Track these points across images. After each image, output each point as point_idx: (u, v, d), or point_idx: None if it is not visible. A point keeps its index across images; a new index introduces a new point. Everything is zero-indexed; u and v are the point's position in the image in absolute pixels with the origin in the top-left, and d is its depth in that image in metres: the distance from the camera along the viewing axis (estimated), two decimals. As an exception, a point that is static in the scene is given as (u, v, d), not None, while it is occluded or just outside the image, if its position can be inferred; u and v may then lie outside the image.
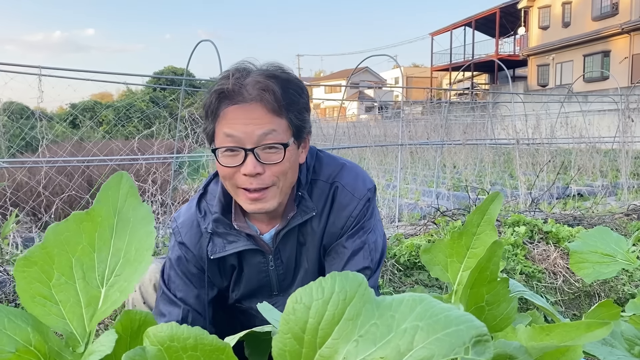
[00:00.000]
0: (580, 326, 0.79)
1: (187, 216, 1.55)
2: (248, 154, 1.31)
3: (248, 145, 1.31)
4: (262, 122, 1.30)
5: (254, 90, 1.30)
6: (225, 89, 1.31)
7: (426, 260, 0.96)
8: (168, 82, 18.18)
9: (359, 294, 0.54)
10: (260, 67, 1.37)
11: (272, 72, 1.35)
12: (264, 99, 1.30)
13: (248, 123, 1.30)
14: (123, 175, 0.73)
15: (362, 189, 1.52)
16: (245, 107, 1.30)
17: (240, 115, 1.30)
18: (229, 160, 1.34)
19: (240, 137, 1.30)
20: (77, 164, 5.49)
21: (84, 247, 0.68)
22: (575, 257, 1.48)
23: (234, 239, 1.49)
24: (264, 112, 1.30)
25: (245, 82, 1.31)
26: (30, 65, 4.30)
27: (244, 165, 1.32)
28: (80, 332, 0.66)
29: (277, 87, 1.31)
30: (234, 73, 1.34)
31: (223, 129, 1.32)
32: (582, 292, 3.31)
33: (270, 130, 1.31)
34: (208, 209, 1.52)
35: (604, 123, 11.56)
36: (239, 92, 1.30)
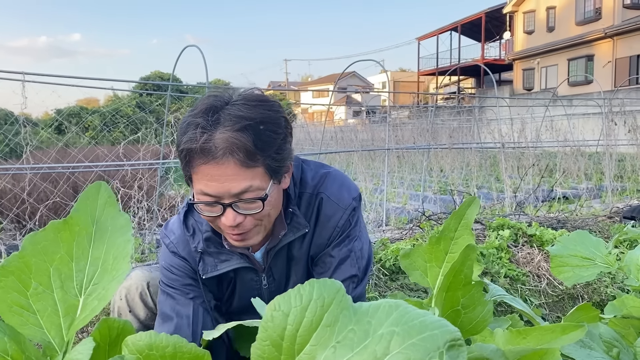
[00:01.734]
0: (556, 329, 0.80)
1: (180, 233, 1.53)
2: (227, 208, 1.29)
3: (226, 200, 1.28)
4: (236, 179, 1.26)
5: (224, 147, 1.23)
6: (194, 148, 1.25)
7: (406, 265, 0.97)
8: (154, 87, 18.10)
9: (336, 300, 0.55)
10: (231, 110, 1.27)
11: (243, 116, 1.25)
12: (235, 154, 1.24)
13: (223, 182, 1.26)
14: (101, 185, 0.73)
15: (347, 199, 1.52)
16: (217, 165, 1.24)
17: (214, 173, 1.25)
18: (207, 211, 1.32)
19: (216, 195, 1.27)
20: (62, 170, 5.44)
21: (62, 257, 0.68)
22: (556, 260, 1.50)
23: (227, 257, 1.48)
24: (237, 168, 1.25)
25: (215, 139, 1.23)
26: (14, 72, 4.26)
27: (224, 217, 1.31)
28: (58, 342, 0.65)
29: (249, 138, 1.25)
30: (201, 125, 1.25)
31: (198, 185, 1.29)
32: (565, 294, 3.35)
33: (247, 187, 1.27)
34: (197, 227, 1.49)
35: (588, 126, 11.69)
36: (208, 150, 1.23)
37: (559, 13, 28.39)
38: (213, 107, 1.28)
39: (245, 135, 1.24)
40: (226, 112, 1.26)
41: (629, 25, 23.45)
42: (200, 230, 1.48)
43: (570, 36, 26.83)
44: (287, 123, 1.36)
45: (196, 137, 1.24)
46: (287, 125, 1.36)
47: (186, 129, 1.27)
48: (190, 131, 1.25)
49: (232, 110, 1.26)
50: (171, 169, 6.00)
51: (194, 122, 1.26)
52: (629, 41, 23.90)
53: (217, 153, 1.23)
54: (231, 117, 1.25)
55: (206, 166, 1.24)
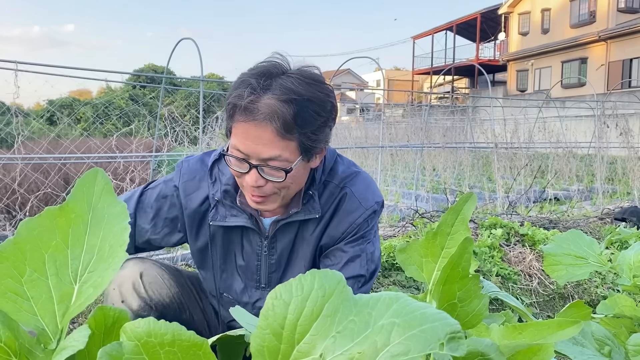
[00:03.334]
0: (551, 325, 0.80)
1: (194, 168, 1.59)
2: (252, 168, 1.34)
3: (253, 161, 1.33)
4: (268, 145, 1.31)
5: (265, 112, 1.28)
6: (239, 105, 1.30)
7: (402, 260, 0.97)
8: (148, 80, 18.01)
9: (337, 291, 0.55)
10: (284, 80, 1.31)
11: (293, 90, 1.30)
12: (274, 122, 1.28)
13: (256, 143, 1.31)
14: (98, 172, 0.73)
15: (370, 200, 1.54)
16: (255, 126, 1.29)
17: (250, 133, 1.30)
18: (235, 165, 1.38)
19: (247, 153, 1.33)
20: (53, 161, 5.40)
21: (58, 243, 0.68)
22: (549, 259, 1.51)
23: (237, 212, 1.53)
24: (273, 135, 1.30)
25: (260, 102, 1.29)
26: (6, 60, 4.22)
27: (248, 175, 1.36)
28: (52, 329, 0.65)
29: (291, 111, 1.29)
30: (252, 86, 1.30)
31: (234, 140, 1.35)
32: (556, 294, 3.37)
33: (276, 155, 1.32)
34: (219, 178, 1.55)
35: (581, 128, 11.76)
36: (251, 110, 1.29)
37: (553, 15, 28.54)
38: (269, 72, 1.32)
39: (289, 107, 1.28)
40: (279, 80, 1.30)
41: (623, 29, 23.61)
42: (220, 181, 1.54)
43: (564, 38, 26.98)
44: (333, 108, 1.39)
45: (243, 95, 1.29)
46: (332, 110, 1.39)
47: (238, 85, 1.32)
48: (241, 88, 1.30)
49: (285, 81, 1.30)
50: (164, 162, 5.98)
51: (247, 81, 1.31)
52: (622, 45, 24.06)
53: (257, 115, 1.28)
54: (282, 87, 1.29)
55: (245, 124, 1.30)
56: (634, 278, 1.39)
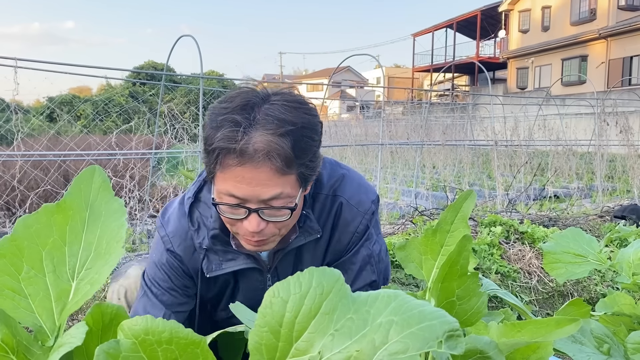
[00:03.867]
0: (550, 323, 0.80)
1: (179, 226, 1.43)
2: (252, 213, 1.22)
3: (252, 205, 1.21)
4: (269, 184, 1.18)
5: (263, 151, 1.15)
6: (231, 149, 1.15)
7: (401, 258, 0.96)
8: (148, 77, 17.98)
9: (335, 289, 0.55)
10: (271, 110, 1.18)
11: (285, 120, 1.17)
12: (273, 161, 1.16)
13: (254, 185, 1.18)
14: (96, 169, 0.72)
15: (367, 202, 1.47)
16: (252, 168, 1.16)
17: (246, 175, 1.17)
18: (230, 213, 1.25)
19: (244, 197, 1.20)
20: (53, 158, 5.40)
21: (55, 241, 0.67)
22: (549, 257, 1.51)
23: (232, 256, 1.41)
24: (272, 173, 1.17)
25: (254, 141, 1.15)
26: (6, 57, 4.22)
27: (247, 221, 1.24)
28: (49, 326, 0.65)
29: (289, 144, 1.16)
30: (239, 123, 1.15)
31: (226, 185, 1.20)
32: (555, 291, 3.37)
33: (278, 193, 1.20)
34: (202, 222, 1.41)
35: (581, 126, 11.76)
36: (245, 152, 1.15)
37: (554, 13, 28.49)
38: (250, 103, 1.19)
39: (286, 140, 1.16)
40: (265, 111, 1.17)
41: (623, 26, 23.58)
42: (205, 226, 1.40)
43: (564, 36, 26.95)
44: (321, 127, 1.29)
45: (235, 137, 1.15)
46: (321, 130, 1.29)
47: (220, 124, 1.17)
48: (227, 128, 1.16)
49: (272, 110, 1.18)
50: (163, 160, 5.98)
51: (230, 118, 1.16)
52: (622, 42, 24.04)
53: (254, 156, 1.15)
54: (272, 118, 1.16)
55: (240, 168, 1.16)
56: (633, 276, 1.39)
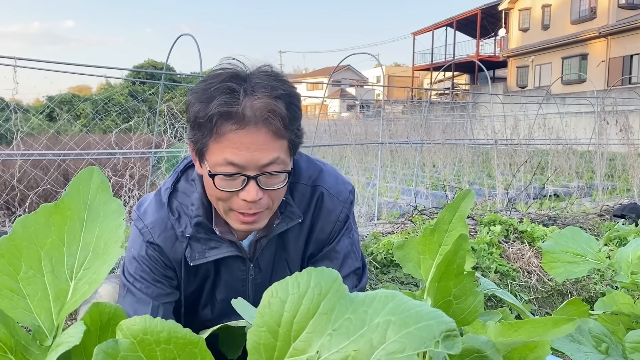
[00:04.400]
0: (547, 322, 0.80)
1: (158, 216, 1.40)
2: (250, 181, 1.22)
3: (251, 172, 1.21)
4: (267, 149, 1.20)
5: (262, 113, 1.17)
6: (231, 112, 1.17)
7: (399, 257, 0.97)
8: (148, 76, 17.97)
9: (333, 289, 0.55)
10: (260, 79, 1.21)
11: (276, 86, 1.21)
12: (272, 123, 1.18)
13: (253, 150, 1.19)
14: (94, 170, 0.72)
15: (345, 192, 1.49)
16: (251, 132, 1.17)
17: (245, 140, 1.18)
18: (226, 184, 1.23)
19: (243, 164, 1.20)
20: (52, 157, 5.40)
21: (53, 241, 0.68)
22: (548, 256, 1.51)
23: (216, 244, 1.39)
24: (269, 137, 1.19)
25: (254, 104, 1.17)
26: (5, 56, 4.21)
27: (244, 191, 1.23)
28: (47, 326, 0.65)
29: (284, 108, 1.20)
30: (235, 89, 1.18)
31: (224, 154, 1.19)
32: (555, 290, 3.37)
33: (275, 158, 1.21)
34: (182, 211, 1.39)
35: (581, 125, 11.75)
36: (244, 115, 1.17)
37: (554, 11, 28.46)
38: (239, 74, 1.21)
39: (281, 103, 1.20)
40: (256, 80, 1.20)
41: (624, 25, 23.56)
42: (187, 214, 1.39)
43: (565, 34, 26.92)
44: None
45: (233, 101, 1.17)
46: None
47: (213, 94, 1.18)
48: (222, 95, 1.17)
49: (262, 79, 1.21)
50: (163, 159, 5.98)
51: (225, 87, 1.18)
52: (622, 41, 24.01)
53: (253, 119, 1.17)
54: (264, 85, 1.19)
55: (239, 133, 1.17)
56: (631, 275, 1.39)
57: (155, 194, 1.44)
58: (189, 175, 1.43)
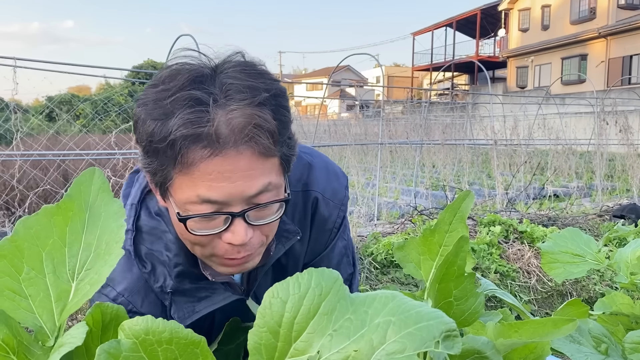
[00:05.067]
0: (547, 323, 0.81)
1: (132, 278, 1.06)
2: (235, 219, 0.91)
3: (235, 207, 0.90)
4: (253, 175, 0.88)
5: (243, 131, 0.85)
6: (203, 133, 0.84)
7: (399, 258, 0.97)
8: (147, 77, 17.97)
9: (334, 289, 0.56)
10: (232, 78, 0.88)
11: (256, 87, 0.88)
12: (258, 141, 0.87)
13: (235, 180, 0.87)
14: (95, 171, 0.73)
15: (340, 191, 1.25)
16: (230, 157, 0.85)
17: (223, 168, 0.86)
18: (203, 226, 0.92)
19: (225, 200, 0.88)
20: (52, 157, 5.40)
21: (55, 241, 0.68)
22: (547, 257, 1.51)
23: (207, 292, 1.08)
24: (255, 159, 0.88)
25: (230, 117, 0.85)
26: (5, 57, 4.22)
27: (229, 233, 0.92)
28: (49, 327, 0.65)
29: (270, 115, 0.88)
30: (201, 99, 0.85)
31: (196, 189, 0.87)
32: (554, 291, 3.38)
33: (266, 184, 0.90)
34: (155, 259, 1.05)
35: (580, 125, 11.78)
36: (219, 135, 0.84)
37: (553, 11, 28.51)
38: (203, 73, 0.88)
39: (268, 111, 0.88)
40: (227, 80, 0.88)
41: (623, 25, 23.60)
42: (161, 262, 1.05)
43: (564, 35, 26.96)
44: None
45: (202, 118, 0.84)
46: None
47: (172, 108, 0.85)
48: (184, 110, 0.84)
49: (235, 78, 0.88)
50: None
51: (184, 96, 0.85)
52: (622, 41, 24.05)
53: (232, 139, 0.85)
54: (241, 87, 0.87)
55: (213, 160, 0.85)
56: (630, 275, 1.39)
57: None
58: (149, 206, 1.08)
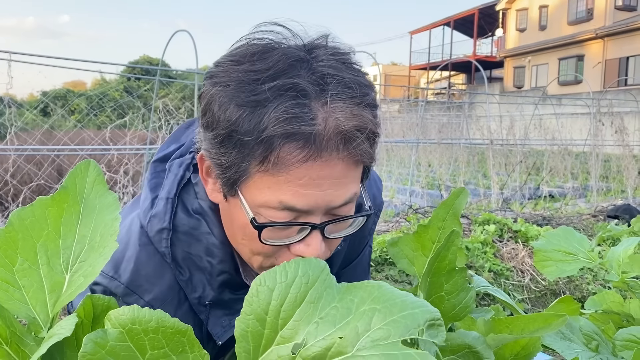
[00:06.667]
0: (538, 319, 0.81)
1: (165, 286, 0.92)
2: (313, 232, 0.82)
3: (316, 218, 0.81)
4: (343, 183, 0.79)
5: (348, 134, 0.76)
6: (307, 133, 0.74)
7: (393, 254, 0.97)
8: (143, 72, 17.94)
9: (321, 278, 0.56)
10: (331, 67, 0.77)
11: (361, 84, 0.79)
12: (358, 147, 0.77)
13: (326, 188, 0.78)
14: (90, 163, 0.73)
15: (378, 197, 1.15)
16: (328, 163, 0.76)
17: (317, 174, 0.76)
18: (276, 235, 0.82)
19: (310, 208, 0.79)
20: (46, 152, 5.38)
21: (49, 233, 0.68)
22: (539, 255, 1.52)
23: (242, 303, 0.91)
24: (347, 167, 0.79)
25: (337, 119, 0.75)
26: (0, 50, 4.21)
27: (302, 244, 0.82)
28: (43, 318, 0.65)
29: (374, 120, 0.80)
30: (307, 92, 0.74)
31: (281, 193, 0.77)
32: (548, 290, 3.40)
33: (352, 196, 0.82)
34: (193, 264, 0.92)
35: (576, 126, 11.81)
36: (324, 137, 0.75)
37: (551, 12, 28.58)
38: (299, 58, 0.77)
39: (369, 112, 0.78)
40: (326, 70, 0.77)
41: (620, 26, 23.68)
42: (200, 269, 0.92)
43: (561, 35, 27.03)
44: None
45: (304, 114, 0.73)
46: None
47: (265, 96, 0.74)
48: (286, 102, 0.73)
49: (335, 69, 0.78)
50: (159, 155, 5.96)
51: (287, 84, 0.74)
52: (619, 42, 24.13)
53: (334, 143, 0.75)
54: (345, 81, 0.77)
55: (309, 164, 0.75)
56: (622, 274, 1.40)
57: (140, 242, 0.92)
58: (186, 203, 0.94)
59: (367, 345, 0.50)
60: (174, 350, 0.56)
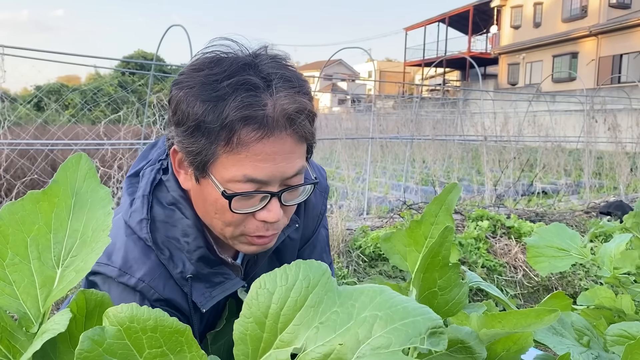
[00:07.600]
0: (530, 314, 0.82)
1: (152, 264, 1.06)
2: (272, 199, 1.00)
3: (274, 188, 0.99)
4: (292, 157, 0.99)
5: (292, 116, 0.96)
6: (259, 116, 0.93)
7: (386, 249, 0.97)
8: (137, 67, 17.85)
9: (321, 282, 0.56)
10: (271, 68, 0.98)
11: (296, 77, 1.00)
12: (302, 125, 0.97)
13: (279, 162, 0.97)
14: (82, 157, 0.72)
15: (324, 180, 1.33)
16: (278, 140, 0.96)
17: (271, 150, 0.95)
18: (242, 205, 1.00)
19: (267, 179, 0.98)
20: (40, 147, 5.35)
21: (40, 227, 0.67)
22: (532, 251, 1.53)
23: (221, 278, 1.11)
24: (296, 142, 0.99)
25: (283, 104, 0.95)
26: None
27: (265, 211, 1.01)
28: (34, 313, 0.65)
29: (312, 104, 1.01)
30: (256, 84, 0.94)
31: (243, 168, 0.96)
32: (540, 286, 3.41)
33: (301, 167, 1.02)
34: (172, 245, 1.08)
35: (570, 123, 11.86)
36: (273, 118, 0.94)
37: (545, 9, 28.62)
38: (248, 62, 0.97)
39: (307, 98, 1.00)
40: (269, 69, 0.97)
41: (614, 24, 23.75)
42: (179, 249, 1.08)
43: (556, 33, 27.09)
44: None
45: (258, 102, 0.93)
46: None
47: (224, 91, 0.93)
48: (241, 93, 0.92)
49: (275, 68, 0.98)
50: (153, 150, 5.94)
51: (241, 80, 0.93)
52: (613, 40, 24.20)
53: (282, 123, 0.95)
54: (284, 76, 0.97)
55: (264, 142, 0.94)
56: (614, 270, 1.41)
57: (126, 234, 1.08)
58: (160, 198, 1.11)
59: (368, 354, 0.49)
60: (171, 349, 0.55)
